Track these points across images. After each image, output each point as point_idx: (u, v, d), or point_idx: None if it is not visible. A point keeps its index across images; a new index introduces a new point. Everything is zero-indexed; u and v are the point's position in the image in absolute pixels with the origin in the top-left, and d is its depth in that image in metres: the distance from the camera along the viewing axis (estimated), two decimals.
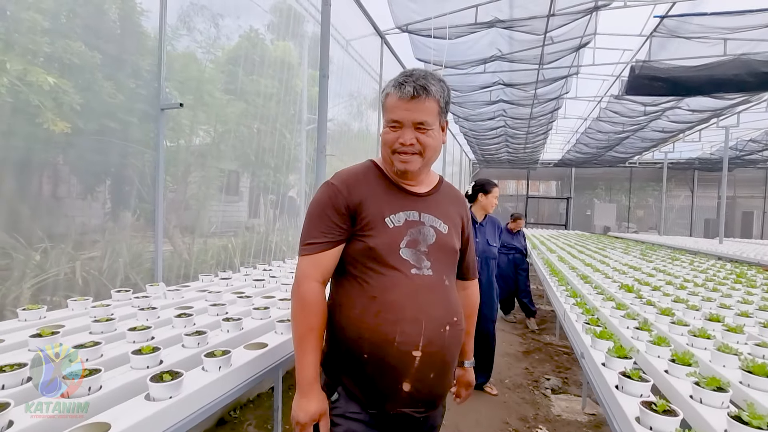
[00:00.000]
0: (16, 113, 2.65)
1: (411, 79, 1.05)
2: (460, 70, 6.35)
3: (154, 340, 1.42)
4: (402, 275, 1.06)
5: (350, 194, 1.09)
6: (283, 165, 5.05)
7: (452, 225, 1.18)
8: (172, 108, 2.60)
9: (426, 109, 1.05)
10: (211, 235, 4.51)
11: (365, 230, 1.08)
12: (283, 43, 4.78)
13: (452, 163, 13.55)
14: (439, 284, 1.09)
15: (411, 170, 1.09)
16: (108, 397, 1.06)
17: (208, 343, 1.43)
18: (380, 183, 1.14)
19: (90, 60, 2.95)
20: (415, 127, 1.06)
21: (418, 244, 1.09)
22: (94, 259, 3.21)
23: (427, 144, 1.07)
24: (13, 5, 2.79)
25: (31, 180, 2.88)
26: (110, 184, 3.44)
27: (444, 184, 1.25)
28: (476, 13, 5.20)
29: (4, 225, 2.66)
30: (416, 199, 1.14)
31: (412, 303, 1.04)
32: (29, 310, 1.58)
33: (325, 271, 1.10)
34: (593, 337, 1.60)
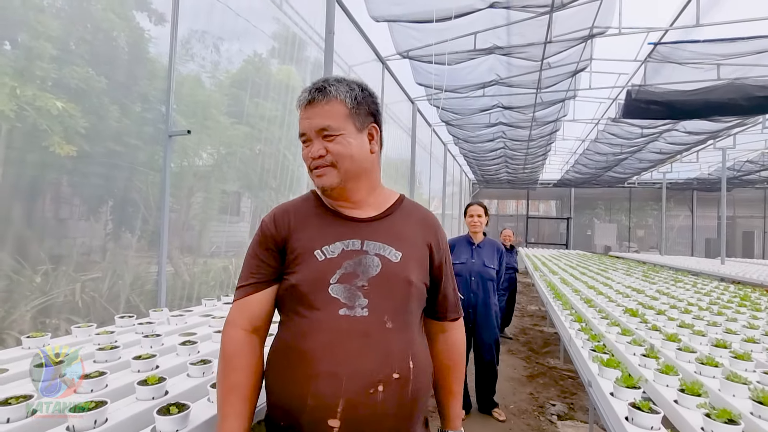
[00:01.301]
0: (24, 137, 2.70)
1: (310, 86, 0.95)
2: (460, 94, 6.48)
3: (158, 369, 1.41)
4: (326, 317, 0.87)
5: (277, 228, 0.98)
6: (284, 186, 5.10)
7: (411, 252, 0.97)
8: (180, 134, 2.65)
9: (326, 112, 0.92)
10: (212, 255, 4.51)
11: (291, 266, 0.94)
12: (286, 68, 4.89)
13: (452, 183, 13.65)
14: (375, 327, 0.87)
15: (327, 185, 0.94)
16: (114, 430, 1.05)
17: (213, 373, 1.42)
18: (316, 212, 1.01)
19: (96, 85, 3.03)
20: (321, 136, 0.92)
21: (354, 279, 0.90)
22: (95, 280, 3.22)
23: (336, 152, 0.92)
24: (25, 33, 2.89)
25: (35, 202, 2.91)
26: (112, 206, 3.47)
27: (406, 205, 1.06)
28: (475, 40, 5.35)
29: (8, 247, 2.68)
30: (358, 224, 0.98)
31: (330, 353, 0.83)
32: (33, 338, 1.57)
33: (252, 316, 0.94)
34: (600, 365, 1.59)
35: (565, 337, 2.36)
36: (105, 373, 1.25)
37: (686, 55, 5.10)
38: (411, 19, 4.20)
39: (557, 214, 21.85)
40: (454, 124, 8.26)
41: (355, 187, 0.98)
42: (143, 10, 3.64)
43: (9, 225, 2.69)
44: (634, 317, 2.57)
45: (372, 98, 1.00)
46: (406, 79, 6.73)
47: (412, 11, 4.08)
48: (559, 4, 4.55)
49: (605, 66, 7.06)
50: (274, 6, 4.38)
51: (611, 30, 5.11)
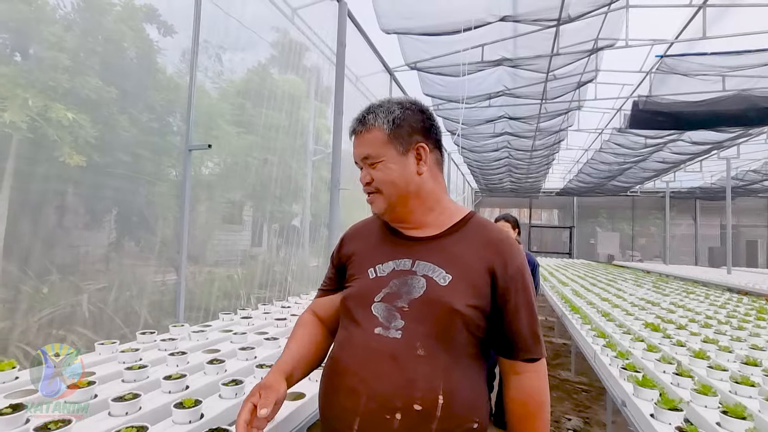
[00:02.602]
0: (35, 147, 2.71)
1: (356, 117, 0.99)
2: (466, 105, 6.50)
3: (189, 390, 1.39)
4: (362, 333, 0.88)
5: (342, 247, 1.07)
6: (288, 194, 5.09)
7: (464, 275, 0.89)
8: (200, 149, 2.65)
9: (367, 141, 0.95)
10: (215, 264, 4.49)
11: (348, 282, 1.00)
12: (291, 77, 4.91)
13: (455, 191, 13.67)
14: (404, 351, 0.83)
15: (376, 211, 0.99)
16: None
17: (245, 394, 1.40)
18: (378, 232, 1.04)
19: (106, 95, 3.04)
20: (366, 164, 0.96)
21: (396, 299, 0.89)
22: (101, 291, 3.19)
23: (378, 179, 0.94)
24: (38, 45, 2.91)
25: (43, 212, 2.91)
26: (119, 216, 3.47)
27: (473, 224, 0.99)
28: (482, 52, 5.38)
29: (16, 256, 2.66)
30: (412, 244, 0.96)
31: (358, 370, 0.84)
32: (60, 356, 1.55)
33: (321, 310, 1.09)
34: (636, 385, 1.56)
35: (588, 353, 2.33)
36: (139, 396, 1.23)
37: (693, 66, 5.13)
38: (421, 32, 4.23)
39: (559, 222, 21.84)
40: (460, 134, 8.29)
41: (406, 210, 0.97)
42: (152, 22, 3.68)
43: (17, 235, 2.68)
44: (656, 332, 2.54)
45: (418, 115, 0.97)
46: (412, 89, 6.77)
47: (423, 24, 4.11)
48: (566, 18, 4.59)
49: (609, 77, 7.11)
50: (284, 18, 4.40)
51: (618, 42, 5.15)
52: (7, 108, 2.58)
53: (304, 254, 5.06)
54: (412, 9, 3.82)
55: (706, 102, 5.74)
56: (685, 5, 4.92)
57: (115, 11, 3.42)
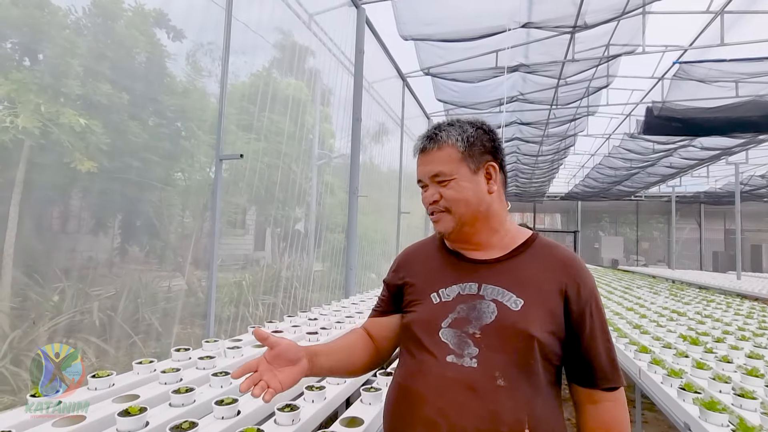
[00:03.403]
0: (47, 153, 2.65)
1: (424, 134, 0.96)
2: (479, 110, 6.47)
3: (242, 416, 1.32)
4: (433, 361, 0.84)
5: (398, 271, 1.03)
6: (292, 199, 5.01)
7: (536, 300, 0.86)
8: (232, 158, 2.59)
9: (438, 158, 0.91)
10: (220, 269, 4.41)
11: (409, 307, 0.96)
12: (296, 82, 4.86)
13: None
14: (483, 382, 0.80)
15: (443, 231, 0.94)
16: None
17: (301, 420, 1.33)
18: (437, 255, 1.00)
19: (117, 101, 2.98)
20: (434, 182, 0.92)
21: (466, 325, 0.85)
22: (111, 298, 3.12)
23: (450, 197, 0.90)
24: (49, 50, 2.85)
25: (52, 218, 2.85)
26: (128, 222, 3.40)
27: (538, 245, 0.96)
28: (496, 58, 5.35)
29: (26, 263, 2.59)
30: (477, 267, 0.92)
31: (435, 400, 0.81)
32: (99, 378, 1.48)
33: (373, 329, 1.04)
34: (702, 408, 1.49)
35: (632, 370, 2.25)
36: (196, 424, 1.16)
37: (710, 73, 5.10)
38: (440, 39, 4.19)
39: (562, 227, 21.81)
40: None
41: (473, 230, 0.93)
42: (162, 27, 3.63)
43: (28, 241, 2.61)
44: (696, 345, 2.47)
45: (488, 135, 0.95)
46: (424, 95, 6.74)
47: (443, 31, 4.07)
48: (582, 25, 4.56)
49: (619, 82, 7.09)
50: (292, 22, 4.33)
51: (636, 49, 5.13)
52: (19, 113, 2.52)
53: (309, 259, 4.99)
54: (434, 16, 3.79)
55: (722, 108, 5.71)
56: (703, 12, 4.90)
57: (126, 16, 3.37)
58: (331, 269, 5.09)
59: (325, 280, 5.01)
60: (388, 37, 4.92)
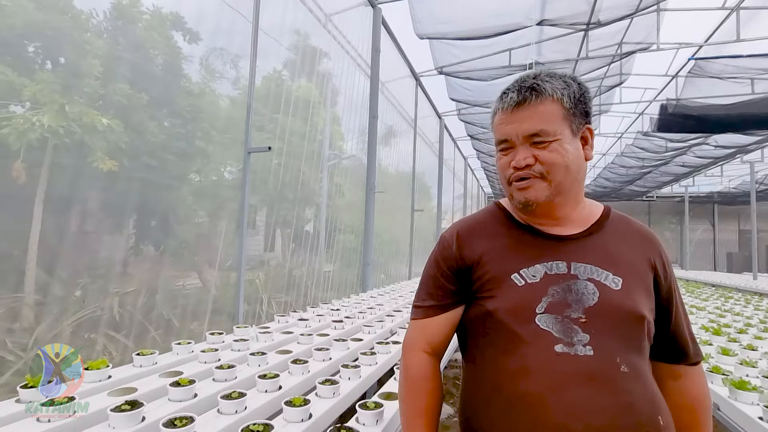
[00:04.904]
0: (70, 152, 2.73)
1: (517, 84, 0.80)
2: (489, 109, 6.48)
3: (283, 390, 1.39)
4: (539, 354, 0.73)
5: (462, 249, 0.85)
6: (302, 199, 5.06)
7: (633, 277, 0.78)
8: (260, 151, 2.66)
9: (538, 115, 0.77)
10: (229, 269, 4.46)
11: (484, 291, 0.81)
12: (306, 84, 4.91)
13: (470, 196, 13.61)
14: (605, 371, 0.70)
15: (533, 199, 0.78)
16: None
17: (340, 394, 1.40)
18: (506, 230, 0.86)
19: (136, 101, 3.06)
20: (529, 142, 0.78)
21: (565, 308, 0.75)
22: (130, 294, 3.19)
23: (550, 161, 0.77)
24: (72, 52, 2.93)
25: (74, 216, 2.92)
26: (145, 220, 3.48)
27: (615, 218, 0.87)
28: (510, 56, 5.37)
29: (49, 260, 2.67)
30: (562, 244, 0.81)
31: (556, 399, 0.69)
32: (143, 356, 1.56)
33: (433, 340, 0.87)
34: (732, 387, 1.47)
35: None
36: (245, 394, 1.24)
37: (727, 69, 5.06)
38: (456, 37, 4.22)
39: None
40: (480, 139, 8.27)
41: (563, 201, 0.81)
42: (178, 29, 3.71)
43: (51, 238, 2.69)
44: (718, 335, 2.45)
45: (589, 94, 0.83)
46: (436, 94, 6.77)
47: (458, 29, 4.11)
48: (596, 22, 4.56)
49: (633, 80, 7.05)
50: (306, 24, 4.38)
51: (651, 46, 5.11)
52: (45, 113, 2.60)
53: (320, 259, 5.03)
54: (450, 14, 3.82)
55: (737, 105, 5.66)
56: (718, 8, 4.87)
57: (145, 19, 3.46)
58: (341, 269, 5.13)
59: (336, 280, 5.05)
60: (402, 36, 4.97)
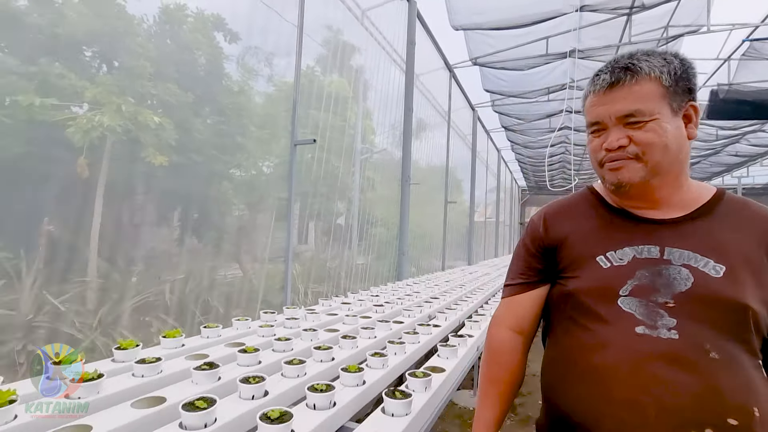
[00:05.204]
0: (126, 149, 2.95)
1: (610, 65, 0.78)
2: (527, 99, 6.36)
3: (336, 361, 1.57)
4: (618, 334, 0.74)
5: (548, 230, 0.89)
6: (334, 193, 5.16)
7: (742, 267, 0.73)
8: (305, 143, 2.81)
9: (633, 94, 0.75)
10: (268, 260, 4.65)
11: (567, 272, 0.84)
12: (339, 79, 4.97)
13: (504, 189, 13.40)
14: (691, 354, 0.69)
15: (626, 181, 0.77)
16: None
17: (389, 365, 1.55)
18: (595, 212, 0.86)
19: (183, 100, 3.26)
20: (623, 123, 0.76)
21: (652, 293, 0.74)
22: (179, 282, 3.42)
23: (646, 142, 0.74)
24: (126, 55, 3.15)
25: (130, 207, 3.16)
26: (192, 212, 3.69)
27: (729, 202, 0.81)
28: (547, 45, 5.24)
29: (109, 249, 2.91)
30: (656, 228, 0.79)
31: (630, 376, 0.70)
32: (210, 328, 1.78)
33: (519, 317, 0.91)
34: None
35: None
36: (304, 362, 1.41)
37: None
38: (491, 27, 4.18)
39: None
40: (515, 130, 8.12)
41: (660, 183, 0.78)
42: (219, 30, 3.88)
43: (110, 229, 2.92)
44: None
45: (692, 70, 0.78)
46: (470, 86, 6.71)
47: (494, 19, 4.06)
48: (640, 6, 4.37)
49: None
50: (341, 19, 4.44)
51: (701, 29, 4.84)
52: (105, 113, 2.83)
53: (352, 252, 5.14)
54: (485, 5, 3.79)
55: None
56: None
57: (189, 21, 3.65)
58: (373, 262, 5.23)
59: (368, 272, 5.16)
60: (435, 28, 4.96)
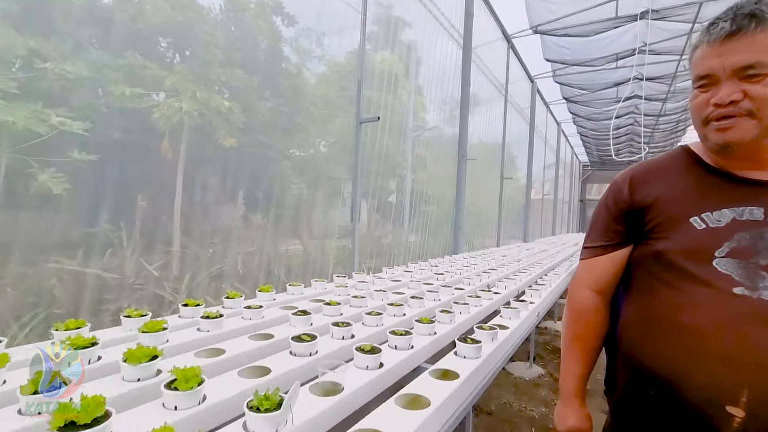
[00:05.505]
0: (200, 132, 3.23)
1: (731, 12, 0.71)
2: (592, 67, 5.97)
3: (406, 317, 1.80)
4: (712, 293, 0.72)
5: (634, 192, 0.87)
6: (387, 172, 5.22)
7: None
8: (370, 121, 2.95)
9: (757, 43, 0.68)
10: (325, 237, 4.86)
11: (656, 232, 0.82)
12: (390, 56, 4.93)
13: (563, 165, 12.75)
14: None
15: (736, 140, 0.72)
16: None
17: (455, 322, 1.76)
18: (690, 173, 0.83)
19: (249, 84, 3.47)
20: (739, 76, 0.70)
21: (753, 255, 0.71)
22: (248, 254, 3.73)
23: (763, 97, 0.69)
24: (198, 45, 3.39)
25: (205, 186, 3.46)
26: (257, 190, 3.96)
27: None
28: (617, 6, 4.86)
29: (188, 224, 3.24)
30: (760, 189, 0.75)
31: (729, 335, 0.69)
32: (294, 286, 2.09)
33: (599, 278, 0.92)
34: None
35: None
36: (381, 313, 1.66)
37: None
38: None
39: None
40: (578, 101, 7.67)
41: None
42: (278, 14, 4.02)
43: (189, 205, 3.24)
44: None
45: None
46: (530, 57, 6.42)
47: None
48: None
49: None
50: None
51: None
52: (182, 99, 3.11)
53: (404, 230, 5.23)
54: None
55: None
56: None
57: (251, 8, 3.83)
58: (425, 239, 5.30)
59: (420, 249, 5.26)
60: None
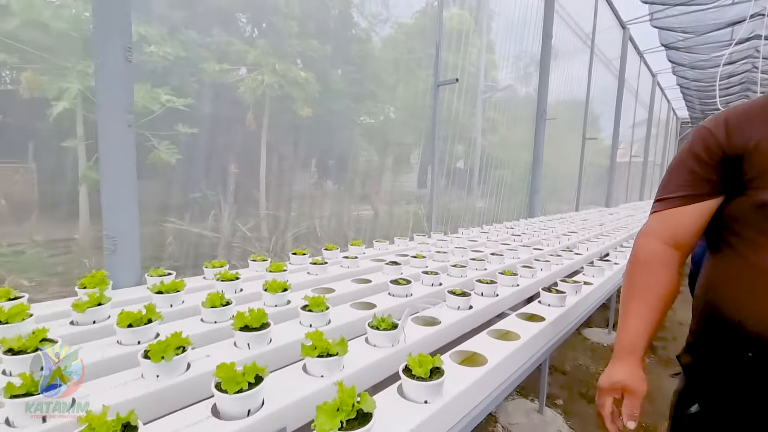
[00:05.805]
0: (280, 103, 3.40)
1: None
2: (700, 5, 5.16)
3: (488, 270, 2.00)
4: None
5: (730, 136, 0.79)
6: (455, 136, 5.06)
7: None
8: (449, 83, 2.97)
9: None
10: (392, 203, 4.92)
11: (758, 182, 0.75)
12: (459, 12, 4.64)
13: (656, 124, 11.39)
14: None
15: None
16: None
17: (519, 285, 1.82)
18: None
19: (323, 54, 3.54)
20: None
21: None
22: (324, 218, 3.96)
23: None
24: (275, 18, 3.50)
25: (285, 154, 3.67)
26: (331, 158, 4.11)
27: None
28: None
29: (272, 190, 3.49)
30: None
31: None
32: (381, 242, 2.38)
33: (674, 230, 0.84)
34: None
35: None
36: (465, 266, 1.87)
37: None
38: None
39: None
40: (679, 48, 6.70)
41: None
42: None
43: (273, 172, 3.48)
44: None
45: None
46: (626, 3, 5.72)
47: None
48: None
49: None
50: None
51: None
52: (264, 73, 3.29)
53: (472, 195, 5.12)
54: None
55: None
56: None
57: None
58: (495, 204, 5.16)
59: (489, 215, 5.15)
60: None
